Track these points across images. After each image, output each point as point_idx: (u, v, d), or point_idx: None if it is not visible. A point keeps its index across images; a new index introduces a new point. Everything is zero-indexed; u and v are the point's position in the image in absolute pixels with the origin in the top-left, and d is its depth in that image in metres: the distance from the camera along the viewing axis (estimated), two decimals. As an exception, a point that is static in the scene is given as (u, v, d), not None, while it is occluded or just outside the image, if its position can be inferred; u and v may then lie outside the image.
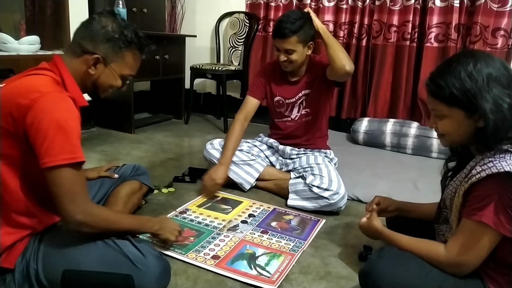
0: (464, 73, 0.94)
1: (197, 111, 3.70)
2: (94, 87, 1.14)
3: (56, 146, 0.93)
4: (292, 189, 1.81)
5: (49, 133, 0.92)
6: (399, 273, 1.00)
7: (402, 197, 1.69)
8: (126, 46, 1.10)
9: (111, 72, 1.12)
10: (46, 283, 1.02)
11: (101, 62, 1.09)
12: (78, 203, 0.97)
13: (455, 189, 1.03)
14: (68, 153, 0.94)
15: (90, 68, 1.09)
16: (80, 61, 1.09)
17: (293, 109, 1.99)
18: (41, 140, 0.93)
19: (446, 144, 1.07)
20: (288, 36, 1.74)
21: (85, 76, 1.10)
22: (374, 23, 2.87)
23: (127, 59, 1.13)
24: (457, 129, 1.00)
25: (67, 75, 1.07)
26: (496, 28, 2.53)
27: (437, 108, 1.01)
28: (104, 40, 1.08)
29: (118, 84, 1.15)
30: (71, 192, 0.96)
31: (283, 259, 1.36)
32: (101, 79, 1.12)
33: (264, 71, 2.03)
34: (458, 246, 0.97)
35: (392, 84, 2.92)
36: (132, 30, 1.11)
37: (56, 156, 0.93)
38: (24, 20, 2.36)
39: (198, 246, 1.41)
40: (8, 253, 1.01)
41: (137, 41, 1.12)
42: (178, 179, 2.05)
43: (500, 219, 0.91)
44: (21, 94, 0.95)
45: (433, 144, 2.63)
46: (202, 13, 3.57)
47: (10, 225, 1.01)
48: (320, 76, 1.90)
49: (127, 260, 1.02)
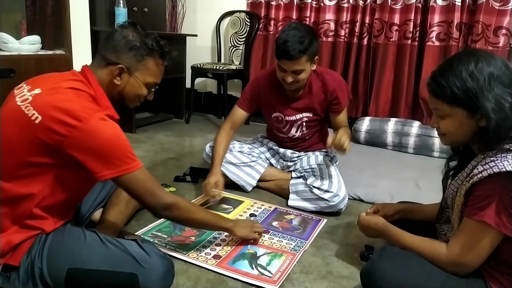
0: (466, 73, 0.94)
1: (198, 110, 3.70)
2: (120, 98, 1.16)
3: (119, 157, 1.01)
4: (293, 189, 1.80)
5: (107, 149, 0.99)
6: (401, 272, 0.99)
7: (404, 196, 1.69)
8: (148, 53, 1.13)
9: (136, 81, 1.14)
10: (50, 282, 1.02)
11: (125, 72, 1.12)
12: (157, 196, 1.09)
13: (456, 189, 1.03)
14: (129, 161, 1.03)
15: (115, 78, 1.12)
16: (105, 73, 1.12)
17: (292, 128, 1.93)
18: (98, 156, 0.98)
19: (447, 143, 1.07)
20: (298, 58, 1.61)
21: (111, 87, 1.13)
22: (376, 22, 2.86)
23: (150, 66, 1.15)
24: (459, 129, 0.99)
25: (98, 89, 1.10)
26: (498, 27, 2.52)
27: (439, 107, 1.00)
28: (126, 49, 1.11)
29: (143, 93, 1.18)
30: (147, 189, 1.07)
31: (284, 259, 1.35)
32: (127, 89, 1.15)
33: (258, 85, 1.90)
34: (459, 245, 0.97)
35: (393, 83, 2.91)
36: (153, 38, 1.15)
37: (122, 166, 1.01)
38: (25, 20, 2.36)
39: (199, 245, 1.40)
40: (14, 251, 1.01)
41: (158, 48, 1.15)
42: (179, 179, 2.05)
43: (501, 218, 0.91)
44: (65, 112, 0.96)
45: (434, 143, 2.62)
46: (203, 12, 3.57)
47: (20, 225, 1.02)
48: (324, 104, 1.85)
49: (131, 259, 1.02)
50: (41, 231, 1.04)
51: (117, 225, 1.36)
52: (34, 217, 1.03)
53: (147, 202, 1.09)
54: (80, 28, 2.44)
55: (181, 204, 1.16)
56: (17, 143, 0.98)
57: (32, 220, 1.02)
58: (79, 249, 1.03)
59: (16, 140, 0.98)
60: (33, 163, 0.99)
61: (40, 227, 1.04)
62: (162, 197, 1.10)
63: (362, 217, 1.29)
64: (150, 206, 1.10)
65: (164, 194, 1.12)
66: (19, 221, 1.02)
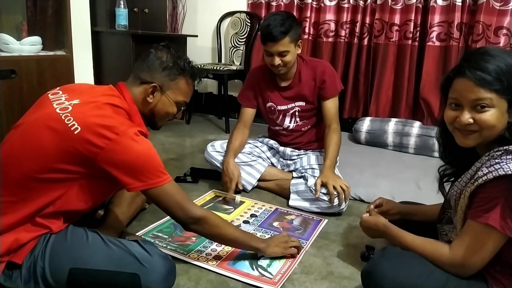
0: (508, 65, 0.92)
1: (199, 111, 3.70)
2: (151, 115, 1.22)
3: (150, 171, 1.04)
4: (294, 189, 1.80)
5: (139, 163, 1.03)
6: (402, 273, 0.99)
7: (405, 197, 1.69)
8: (180, 73, 1.20)
9: (168, 99, 1.20)
10: (52, 282, 1.02)
11: (158, 91, 1.18)
12: (185, 209, 1.11)
13: (460, 190, 1.02)
14: (160, 175, 1.06)
15: (149, 96, 1.18)
16: (139, 91, 1.18)
17: (285, 118, 1.97)
18: (132, 169, 1.02)
19: (475, 141, 0.98)
20: (281, 38, 1.71)
21: (144, 105, 1.19)
22: (376, 22, 2.86)
23: (181, 86, 1.22)
24: (501, 121, 0.94)
25: (133, 106, 1.16)
26: (498, 27, 2.51)
27: (486, 97, 0.92)
28: (160, 69, 1.18)
29: (173, 111, 1.23)
30: (176, 202, 1.09)
31: (285, 260, 1.35)
32: (158, 106, 1.21)
33: (252, 78, 2.00)
34: (463, 247, 0.97)
35: (394, 83, 2.91)
36: (184, 60, 1.22)
37: (152, 179, 1.04)
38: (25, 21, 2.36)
39: (200, 246, 1.40)
40: (19, 249, 1.02)
41: (190, 69, 1.22)
42: (180, 179, 2.05)
43: (506, 221, 0.90)
44: (104, 127, 1.01)
45: (435, 143, 2.61)
46: (203, 13, 3.57)
47: (30, 223, 1.03)
48: (314, 91, 1.88)
49: (133, 259, 1.02)
50: (49, 230, 1.05)
51: (119, 225, 1.37)
52: (45, 216, 1.04)
53: (176, 215, 1.11)
54: (81, 29, 2.44)
55: (210, 218, 1.16)
56: (51, 149, 1.01)
57: (42, 219, 1.03)
58: (81, 249, 1.04)
59: (51, 146, 1.01)
60: (62, 170, 1.01)
61: (49, 226, 1.05)
62: (191, 210, 1.11)
63: (363, 218, 1.28)
64: (179, 219, 1.12)
65: (193, 207, 1.14)
66: (30, 220, 1.03)
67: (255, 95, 1.98)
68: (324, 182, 1.67)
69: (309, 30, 3.08)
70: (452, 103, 0.99)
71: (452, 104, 0.99)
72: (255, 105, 2.00)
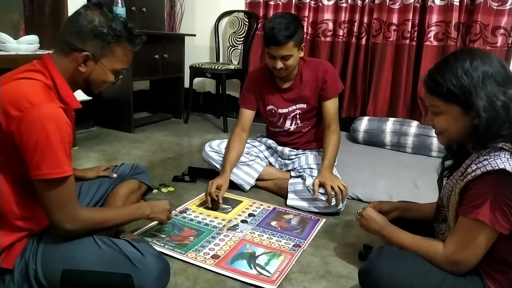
0: (461, 70, 0.95)
1: (197, 110, 3.70)
2: (86, 84, 1.11)
3: (45, 160, 0.94)
4: (292, 189, 1.81)
5: (38, 146, 0.93)
6: (399, 272, 1.00)
7: (402, 196, 1.69)
8: (115, 40, 1.06)
9: (102, 68, 1.08)
10: (45, 283, 1.02)
11: (91, 59, 1.06)
12: (66, 213, 0.99)
13: (451, 188, 1.03)
14: (56, 167, 0.95)
15: (80, 66, 1.05)
16: (69, 59, 1.05)
17: (286, 121, 1.96)
18: (31, 153, 0.93)
19: (444, 141, 1.08)
20: (285, 43, 1.68)
21: (76, 74, 1.07)
22: (374, 21, 2.86)
23: (117, 53, 1.09)
24: (453, 126, 1.00)
25: (58, 77, 1.04)
26: (496, 27, 2.52)
27: (435, 104, 1.01)
28: (92, 36, 1.03)
29: (110, 80, 1.12)
30: (59, 202, 0.98)
31: (283, 259, 1.36)
32: (93, 76, 1.09)
33: (252, 80, 1.97)
34: (455, 244, 0.98)
35: (391, 83, 2.92)
36: (120, 23, 1.07)
37: (44, 170, 0.94)
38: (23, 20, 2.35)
39: (197, 245, 1.40)
40: (6, 254, 1.01)
41: (127, 34, 1.08)
42: (178, 179, 2.05)
43: (496, 216, 0.91)
44: (11, 103, 0.94)
45: (433, 143, 2.63)
46: (201, 12, 3.57)
47: (7, 227, 1.01)
48: (315, 92, 1.87)
49: (126, 259, 1.02)
50: (30, 231, 1.04)
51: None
52: (19, 218, 1.01)
53: (50, 216, 0.99)
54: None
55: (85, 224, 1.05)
56: None
57: (18, 221, 1.01)
58: (73, 250, 1.03)
59: None
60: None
61: (28, 228, 1.03)
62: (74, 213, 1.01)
63: (369, 209, 1.28)
64: (52, 222, 1.00)
65: (79, 211, 1.03)
66: (5, 224, 1.00)
67: (256, 98, 1.96)
68: (322, 182, 1.67)
69: (307, 29, 3.08)
70: None
71: None
72: (255, 107, 1.98)
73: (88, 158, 2.33)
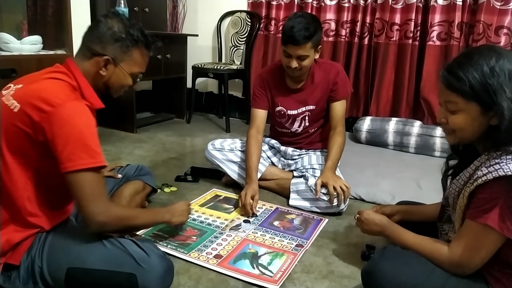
0: (487, 67, 0.91)
1: (199, 110, 3.70)
2: (106, 88, 1.17)
3: (77, 151, 0.97)
4: (294, 188, 1.80)
5: (71, 139, 0.96)
6: (402, 272, 0.99)
7: (405, 196, 1.69)
8: (133, 44, 1.13)
9: (121, 71, 1.15)
10: (50, 281, 1.02)
11: (111, 63, 1.12)
12: (99, 205, 1.00)
13: (458, 188, 1.02)
14: (89, 157, 0.98)
15: (101, 69, 1.12)
16: (90, 64, 1.12)
17: (294, 123, 1.95)
18: (63, 146, 0.96)
19: (454, 141, 1.03)
20: (304, 43, 1.67)
21: (97, 78, 1.13)
22: (376, 21, 2.86)
23: (135, 57, 1.16)
24: (470, 125, 0.96)
25: (82, 79, 1.10)
26: (499, 26, 2.51)
27: (452, 101, 0.95)
28: (112, 41, 1.11)
29: (129, 83, 1.19)
30: (92, 194, 0.99)
31: (285, 259, 1.36)
32: (112, 79, 1.15)
33: (263, 80, 1.94)
34: (461, 247, 0.97)
35: (394, 83, 2.91)
36: (137, 29, 1.15)
37: (78, 160, 0.97)
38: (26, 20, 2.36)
39: (200, 245, 1.41)
40: (14, 250, 1.02)
41: (143, 38, 1.16)
42: (180, 179, 2.05)
43: (505, 222, 0.90)
44: (42, 99, 0.98)
45: (436, 143, 2.62)
46: (203, 12, 3.57)
47: (19, 224, 1.02)
48: (325, 94, 1.87)
49: (131, 259, 1.02)
50: (40, 229, 1.05)
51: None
52: (31, 214, 1.03)
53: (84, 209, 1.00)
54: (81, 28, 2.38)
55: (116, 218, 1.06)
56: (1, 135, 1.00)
57: (30, 217, 1.03)
58: (79, 249, 1.03)
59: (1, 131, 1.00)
60: (14, 154, 1.00)
61: (39, 225, 1.04)
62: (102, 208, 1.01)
63: (366, 212, 1.28)
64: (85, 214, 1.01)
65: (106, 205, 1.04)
66: (17, 219, 1.02)
67: (267, 97, 1.94)
68: (324, 183, 1.67)
69: (310, 29, 3.08)
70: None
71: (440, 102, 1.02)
72: (268, 107, 1.95)
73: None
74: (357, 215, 1.31)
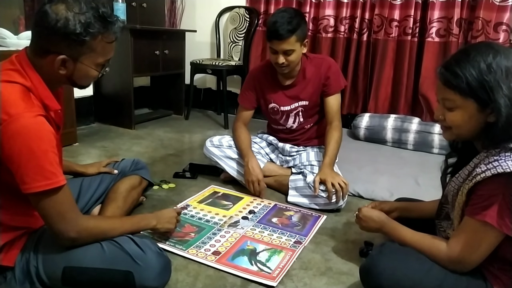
0: (484, 64, 0.91)
1: (197, 106, 3.69)
2: (71, 82, 1.04)
3: (30, 173, 0.90)
4: (292, 185, 1.80)
5: (22, 160, 0.89)
6: (400, 269, 0.99)
7: (403, 193, 1.69)
8: (89, 35, 0.95)
9: (83, 66, 1.00)
10: (47, 280, 1.02)
11: (69, 61, 0.98)
12: (67, 222, 0.97)
13: (458, 186, 1.02)
14: (43, 179, 0.91)
15: (60, 69, 0.98)
16: (46, 62, 0.97)
17: (289, 119, 1.95)
18: (16, 166, 0.90)
19: (451, 137, 1.03)
20: (287, 37, 1.67)
21: (57, 75, 0.99)
22: (375, 17, 2.85)
23: (96, 48, 0.99)
24: (467, 122, 0.96)
25: (36, 78, 0.97)
26: (498, 23, 2.51)
27: (449, 98, 0.95)
28: (63, 36, 0.94)
29: (95, 74, 1.04)
30: (58, 212, 0.95)
31: (284, 255, 1.36)
32: (76, 75, 1.01)
33: (254, 78, 1.95)
34: (460, 244, 0.97)
35: (393, 79, 2.91)
36: (91, 14, 0.95)
37: (31, 183, 0.90)
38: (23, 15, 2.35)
39: (198, 242, 1.40)
40: (7, 251, 1.01)
41: (101, 24, 0.97)
42: (179, 175, 2.04)
43: (503, 219, 0.90)
44: None
45: (434, 139, 2.62)
46: (202, 7, 3.56)
47: (5, 226, 1.00)
48: (318, 89, 1.87)
49: (127, 256, 1.02)
50: (27, 229, 1.03)
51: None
52: (15, 214, 1.01)
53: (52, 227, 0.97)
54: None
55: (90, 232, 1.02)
56: None
57: (12, 222, 1.01)
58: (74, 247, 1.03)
59: None
60: None
61: (26, 226, 1.03)
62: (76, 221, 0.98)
63: (364, 209, 1.28)
64: (55, 233, 0.97)
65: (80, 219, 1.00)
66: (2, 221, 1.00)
67: (256, 96, 1.96)
68: (322, 180, 1.67)
69: (309, 25, 3.06)
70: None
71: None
72: (254, 106, 1.98)
73: (88, 155, 2.33)
74: (356, 212, 1.31)
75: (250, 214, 1.66)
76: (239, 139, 1.90)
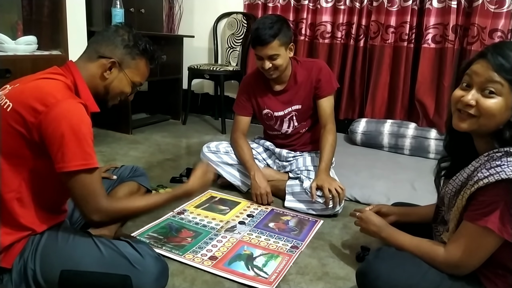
0: None
1: (195, 111, 3.70)
2: (105, 93, 1.17)
3: (69, 153, 0.96)
4: (289, 190, 1.81)
5: (64, 139, 0.96)
6: (396, 273, 0.99)
7: (400, 197, 1.70)
8: (140, 54, 1.17)
9: (125, 77, 1.17)
10: (44, 284, 1.01)
11: (117, 67, 1.14)
12: (89, 205, 1.01)
13: (455, 189, 1.01)
14: (80, 159, 0.97)
15: (106, 71, 1.13)
16: (95, 66, 1.13)
17: (283, 124, 1.95)
18: (57, 146, 0.96)
19: (471, 127, 0.96)
20: (269, 42, 1.69)
21: (99, 80, 1.14)
22: (372, 24, 2.87)
23: (140, 66, 1.19)
24: (502, 113, 0.92)
25: (80, 80, 1.11)
26: (493, 29, 2.53)
27: (497, 81, 0.90)
28: (121, 46, 1.15)
29: (128, 91, 1.20)
30: (87, 194, 1.00)
31: (280, 260, 1.36)
32: (114, 83, 1.16)
33: (246, 86, 1.97)
34: (459, 248, 0.97)
35: (389, 85, 2.92)
36: (146, 41, 1.19)
37: (69, 162, 0.96)
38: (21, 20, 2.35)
39: (195, 247, 1.40)
40: (6, 253, 1.01)
41: (150, 51, 1.20)
42: (176, 180, 2.04)
43: (505, 225, 0.89)
44: (36, 99, 0.97)
45: (430, 145, 2.64)
46: (200, 13, 3.57)
47: (9, 226, 1.01)
48: (310, 92, 1.87)
49: (125, 260, 1.02)
50: (32, 231, 1.03)
51: (113, 225, 1.36)
52: (22, 216, 1.01)
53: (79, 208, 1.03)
54: (77, 28, 2.43)
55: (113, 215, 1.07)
56: None
57: (21, 220, 1.01)
58: (72, 251, 1.03)
59: None
60: (8, 154, 0.99)
61: (31, 227, 1.03)
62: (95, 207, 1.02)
63: (367, 211, 1.28)
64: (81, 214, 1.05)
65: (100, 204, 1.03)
66: (8, 222, 1.01)
67: (251, 103, 1.97)
68: (319, 186, 1.67)
69: (306, 31, 3.09)
70: (464, 83, 0.98)
71: (464, 84, 0.97)
72: (251, 113, 1.98)
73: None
74: (358, 213, 1.32)
75: (247, 219, 1.66)
76: (241, 151, 1.89)
